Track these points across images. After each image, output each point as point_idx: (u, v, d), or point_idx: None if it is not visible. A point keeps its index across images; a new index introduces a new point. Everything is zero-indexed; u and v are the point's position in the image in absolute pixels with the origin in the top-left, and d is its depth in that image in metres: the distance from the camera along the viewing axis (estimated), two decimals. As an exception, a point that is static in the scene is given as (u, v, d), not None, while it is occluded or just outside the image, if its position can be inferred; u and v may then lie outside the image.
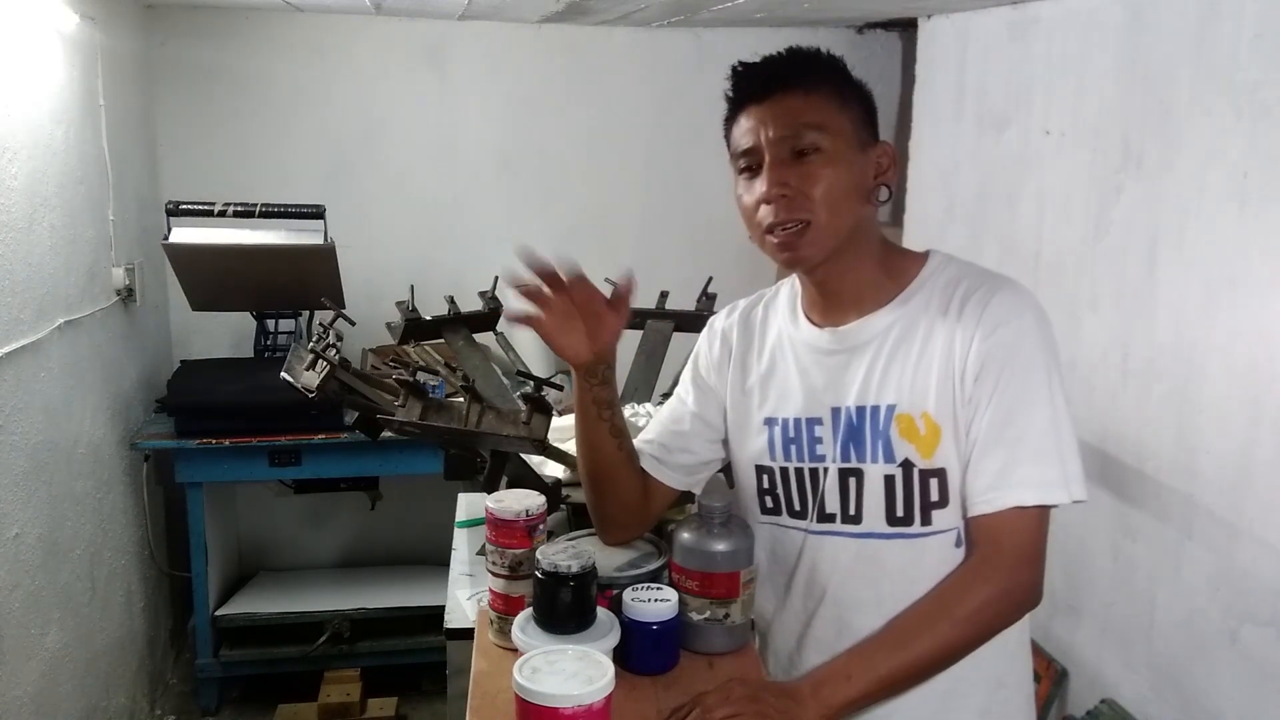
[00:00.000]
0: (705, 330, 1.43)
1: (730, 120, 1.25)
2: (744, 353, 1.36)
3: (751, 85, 1.22)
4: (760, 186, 1.20)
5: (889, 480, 1.22)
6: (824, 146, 1.18)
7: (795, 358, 1.30)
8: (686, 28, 3.58)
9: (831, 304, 1.27)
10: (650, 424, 1.44)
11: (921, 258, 1.28)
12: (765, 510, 1.33)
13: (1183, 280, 2.17)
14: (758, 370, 1.34)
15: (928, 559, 1.21)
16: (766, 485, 1.32)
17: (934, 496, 1.21)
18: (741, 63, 1.23)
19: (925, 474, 1.20)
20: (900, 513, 1.22)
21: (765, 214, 1.20)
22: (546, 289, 1.22)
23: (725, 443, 1.39)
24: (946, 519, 1.21)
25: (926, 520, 1.21)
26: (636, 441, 1.40)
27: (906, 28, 3.45)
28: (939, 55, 3.18)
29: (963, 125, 2.99)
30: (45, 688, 2.28)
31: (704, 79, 3.64)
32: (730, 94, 1.25)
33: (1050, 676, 2.58)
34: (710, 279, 2.13)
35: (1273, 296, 1.94)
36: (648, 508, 1.39)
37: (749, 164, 1.22)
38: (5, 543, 2.12)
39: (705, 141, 3.68)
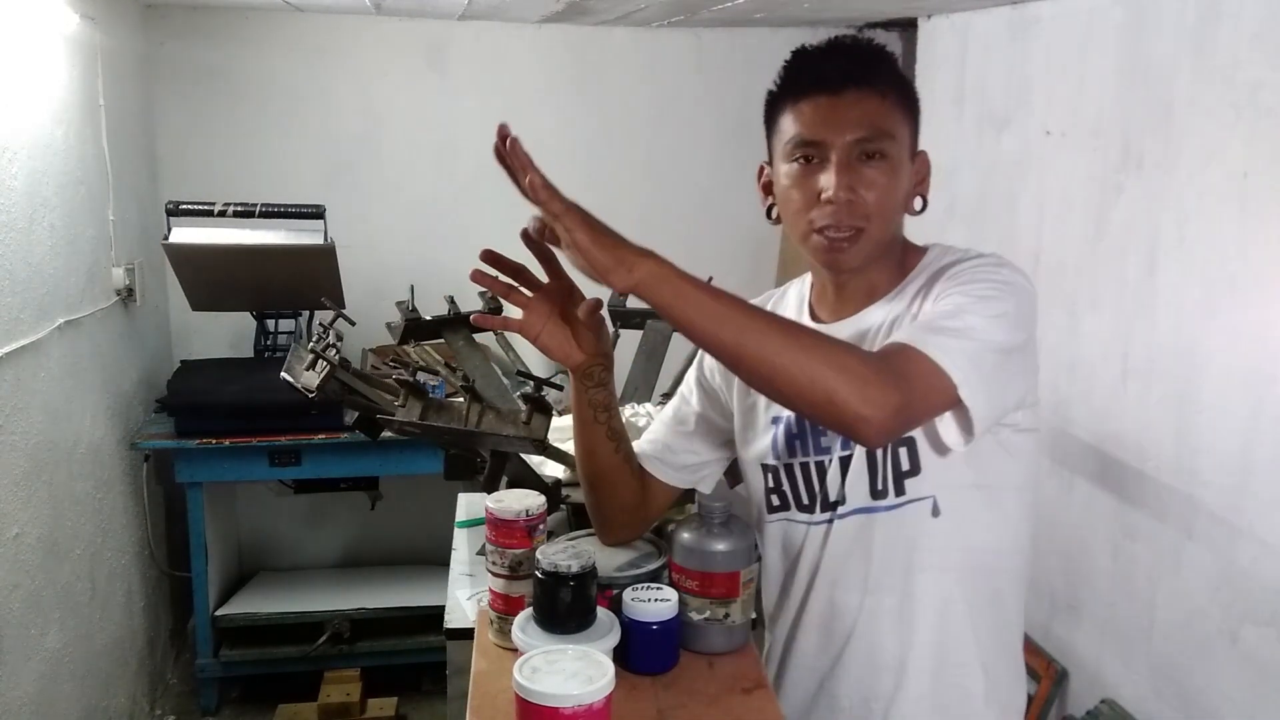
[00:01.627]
0: None
1: (787, 102, 1.20)
2: None
3: (826, 74, 1.17)
4: (823, 185, 1.16)
5: (870, 455, 1.22)
6: (890, 154, 1.17)
7: None
8: (686, 28, 3.58)
9: (843, 300, 1.27)
10: (653, 424, 1.44)
11: (922, 251, 1.28)
12: (772, 509, 1.33)
13: (1183, 280, 2.17)
14: None
15: (906, 529, 1.21)
16: (772, 484, 1.32)
17: (905, 465, 1.20)
18: (814, 46, 1.19)
19: (895, 444, 1.20)
20: (880, 485, 1.22)
21: (820, 215, 1.17)
22: (522, 289, 1.21)
23: (732, 443, 1.38)
24: (920, 487, 1.20)
25: (900, 490, 1.21)
26: (639, 442, 1.40)
27: (906, 28, 3.44)
28: (939, 55, 3.18)
29: (963, 125, 2.99)
30: (45, 688, 2.28)
31: (704, 79, 3.64)
32: (793, 76, 1.20)
33: (1050, 676, 2.58)
34: (710, 279, 2.12)
35: (1273, 296, 1.95)
36: (647, 509, 1.38)
37: (808, 155, 1.18)
38: (5, 543, 2.12)
39: (705, 141, 3.72)
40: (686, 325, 1.06)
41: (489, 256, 1.21)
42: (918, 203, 1.24)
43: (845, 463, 1.25)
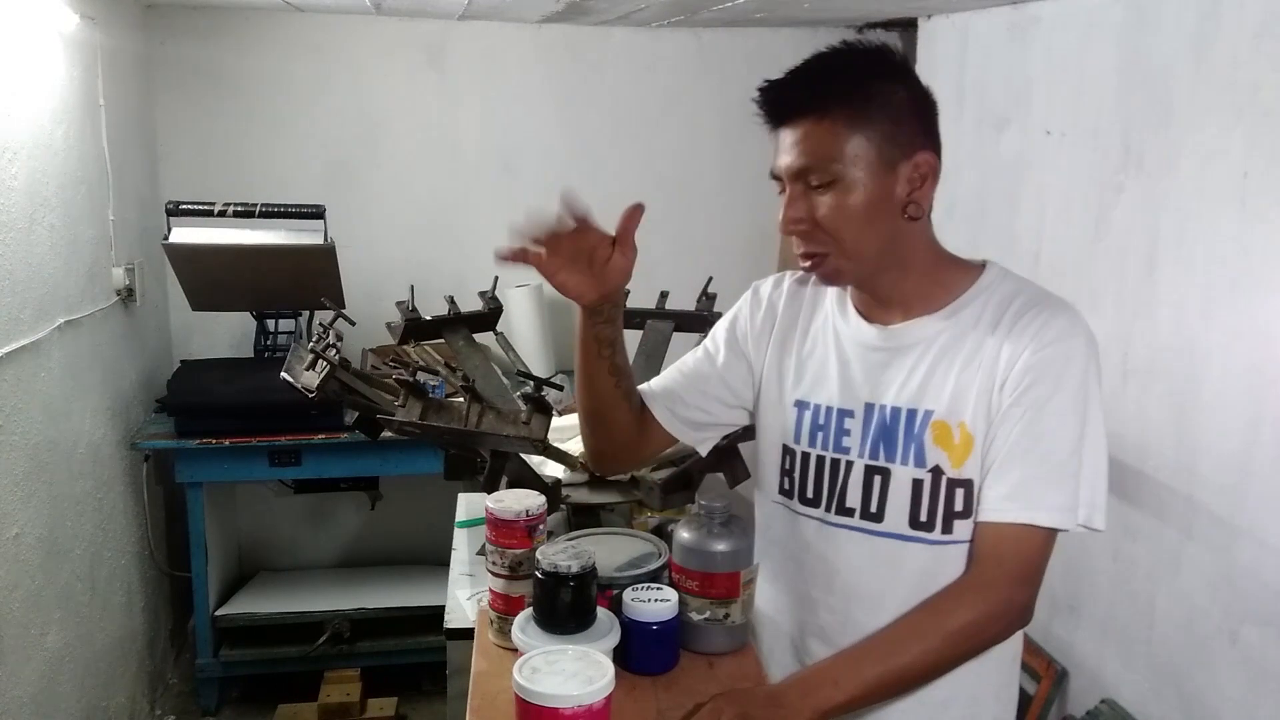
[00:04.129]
0: (750, 294, 1.40)
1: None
2: (787, 329, 1.35)
3: (768, 110, 1.20)
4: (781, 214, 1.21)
5: (917, 484, 1.21)
6: (840, 175, 1.16)
7: (837, 347, 1.29)
8: (686, 28, 3.58)
9: (880, 305, 1.27)
10: (670, 370, 1.42)
11: (977, 269, 1.27)
12: (781, 490, 1.33)
13: (1183, 280, 2.17)
14: (798, 351, 1.33)
15: (946, 566, 1.21)
16: (788, 466, 1.32)
17: (958, 506, 1.20)
18: (766, 82, 1.20)
19: (953, 483, 1.20)
20: (924, 517, 1.22)
21: (794, 241, 1.22)
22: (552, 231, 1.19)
23: (750, 413, 1.38)
24: (968, 530, 1.21)
25: (948, 529, 1.21)
26: (651, 384, 1.39)
27: (906, 28, 3.44)
28: (939, 55, 3.18)
29: (963, 125, 2.99)
30: (45, 688, 2.28)
31: (704, 79, 3.64)
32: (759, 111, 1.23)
33: (1050, 676, 2.58)
34: (710, 279, 2.12)
35: (1273, 296, 1.95)
36: (642, 447, 1.39)
37: (779, 186, 1.21)
38: (5, 543, 2.12)
39: (705, 141, 3.72)
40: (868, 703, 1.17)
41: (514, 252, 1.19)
42: (913, 208, 1.20)
43: (873, 474, 1.24)
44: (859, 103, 1.16)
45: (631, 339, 2.09)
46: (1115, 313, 2.37)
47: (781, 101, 1.19)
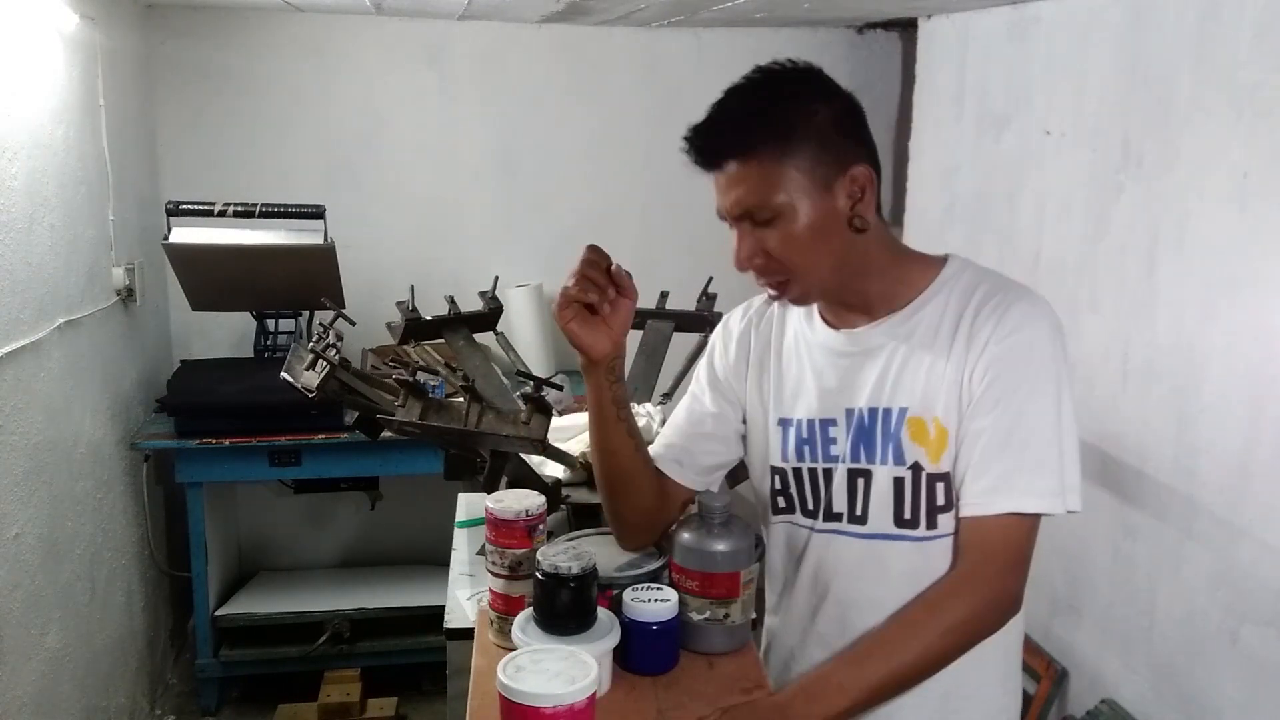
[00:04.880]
0: (719, 330, 1.42)
1: None
2: (761, 352, 1.36)
3: (695, 159, 1.21)
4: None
5: (898, 482, 1.22)
6: (781, 208, 1.16)
7: (810, 359, 1.30)
8: (686, 28, 3.58)
9: (844, 310, 1.28)
10: (665, 430, 1.43)
11: (938, 263, 1.27)
12: (777, 510, 1.33)
13: (1183, 280, 2.17)
14: (774, 371, 1.34)
15: (933, 562, 1.21)
16: (779, 486, 1.32)
17: (940, 500, 1.21)
18: (689, 130, 1.21)
19: (933, 478, 1.21)
20: (908, 515, 1.22)
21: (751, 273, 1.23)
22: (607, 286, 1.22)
23: (744, 439, 1.39)
24: (952, 523, 1.21)
25: (932, 524, 1.21)
26: (653, 447, 1.40)
27: (906, 28, 3.44)
28: (939, 55, 3.18)
29: (963, 125, 2.99)
30: (45, 688, 2.28)
31: (704, 79, 3.61)
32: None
33: (1050, 676, 2.58)
34: (710, 279, 2.12)
35: (1273, 296, 1.95)
36: (664, 510, 1.38)
37: (728, 224, 1.23)
38: (5, 543, 2.12)
39: (705, 141, 3.71)
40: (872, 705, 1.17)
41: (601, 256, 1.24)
42: (857, 221, 1.19)
43: (856, 477, 1.25)
44: (781, 134, 1.16)
45: (632, 339, 2.09)
46: (1115, 313, 2.37)
47: (706, 149, 1.20)
